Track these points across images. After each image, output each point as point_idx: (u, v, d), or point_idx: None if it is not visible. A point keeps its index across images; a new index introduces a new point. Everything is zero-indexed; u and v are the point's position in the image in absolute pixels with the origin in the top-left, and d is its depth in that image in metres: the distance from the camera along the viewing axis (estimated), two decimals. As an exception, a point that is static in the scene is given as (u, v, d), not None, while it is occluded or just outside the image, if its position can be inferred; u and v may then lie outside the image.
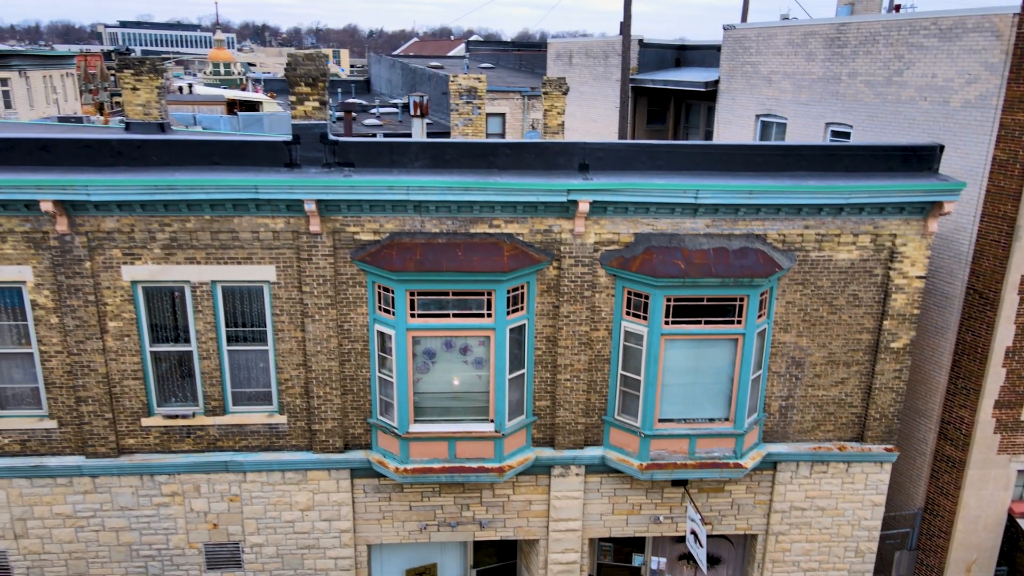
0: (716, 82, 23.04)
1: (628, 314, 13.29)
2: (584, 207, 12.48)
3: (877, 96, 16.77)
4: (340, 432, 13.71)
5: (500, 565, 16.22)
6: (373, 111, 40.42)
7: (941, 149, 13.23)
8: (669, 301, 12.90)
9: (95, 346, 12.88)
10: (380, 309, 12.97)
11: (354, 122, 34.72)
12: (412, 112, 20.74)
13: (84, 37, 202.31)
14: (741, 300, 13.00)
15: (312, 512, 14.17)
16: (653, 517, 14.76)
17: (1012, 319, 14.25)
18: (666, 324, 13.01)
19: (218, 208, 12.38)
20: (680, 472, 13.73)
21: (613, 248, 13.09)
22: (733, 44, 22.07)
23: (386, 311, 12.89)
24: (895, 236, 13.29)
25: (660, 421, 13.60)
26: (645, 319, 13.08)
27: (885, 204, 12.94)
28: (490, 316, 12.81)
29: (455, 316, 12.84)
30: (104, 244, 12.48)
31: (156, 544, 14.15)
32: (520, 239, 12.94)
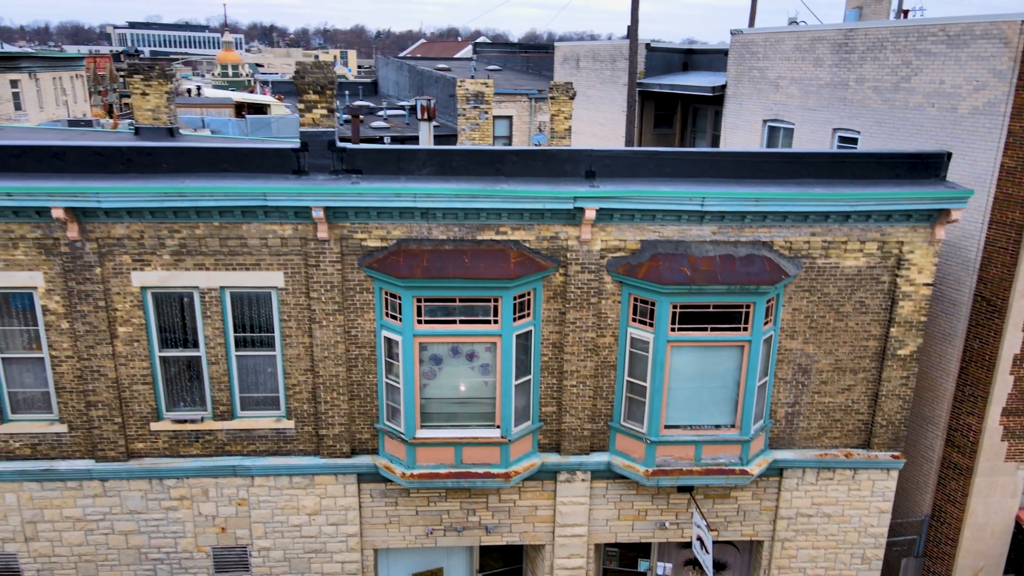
0: (723, 87, 23.01)
1: (634, 321, 13.32)
2: (590, 214, 12.52)
3: (885, 102, 16.74)
4: (347, 437, 13.78)
5: (506, 570, 16.25)
6: (380, 113, 40.54)
7: (949, 156, 13.21)
8: (675, 308, 12.92)
9: (105, 351, 12.99)
10: (387, 315, 13.03)
11: (361, 124, 34.84)
12: (419, 116, 20.78)
13: (93, 38, 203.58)
14: (747, 307, 13.01)
15: (319, 516, 14.25)
16: (659, 523, 14.78)
17: (1020, 326, 14.22)
18: (672, 331, 13.03)
19: (227, 215, 12.46)
20: (686, 478, 13.76)
21: (619, 255, 13.12)
22: (740, 49, 22.06)
23: (393, 317, 12.95)
24: (902, 243, 13.28)
25: (666, 427, 13.62)
26: (651, 326, 13.11)
27: (892, 211, 12.93)
28: (496, 322, 12.86)
29: (462, 322, 12.89)
30: (114, 250, 12.59)
31: (165, 547, 14.26)
32: (527, 246, 12.98)
